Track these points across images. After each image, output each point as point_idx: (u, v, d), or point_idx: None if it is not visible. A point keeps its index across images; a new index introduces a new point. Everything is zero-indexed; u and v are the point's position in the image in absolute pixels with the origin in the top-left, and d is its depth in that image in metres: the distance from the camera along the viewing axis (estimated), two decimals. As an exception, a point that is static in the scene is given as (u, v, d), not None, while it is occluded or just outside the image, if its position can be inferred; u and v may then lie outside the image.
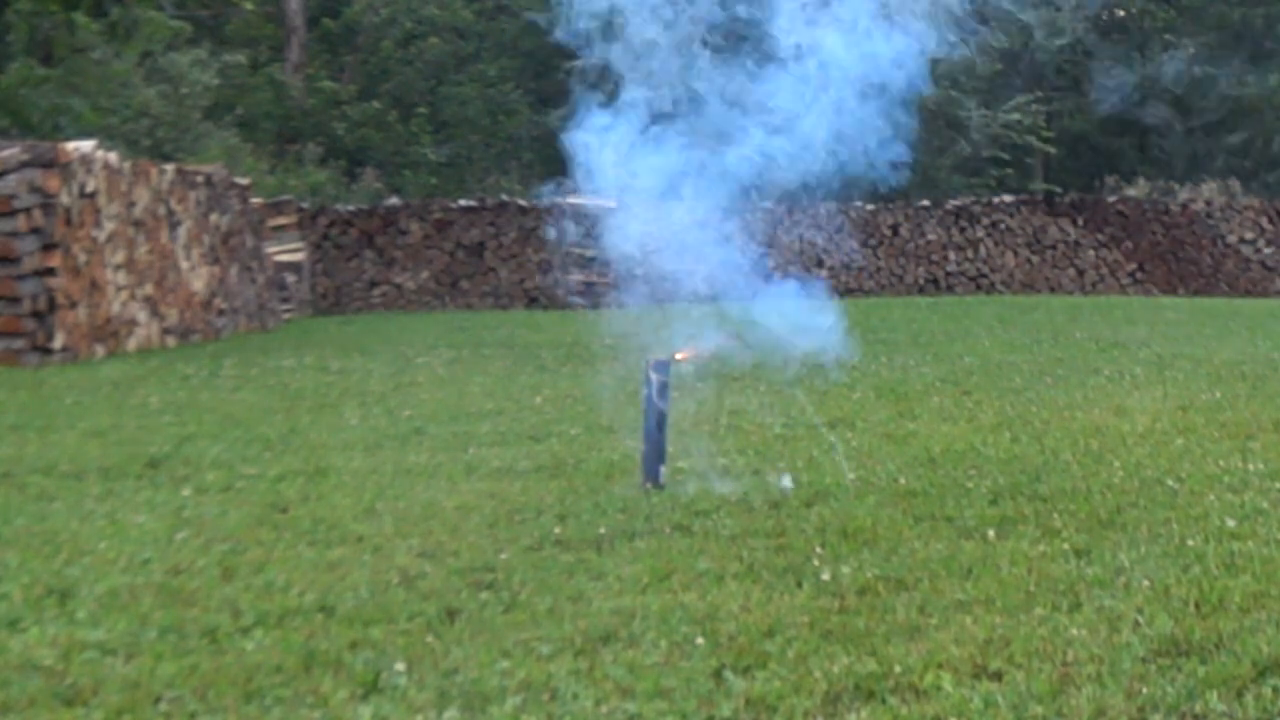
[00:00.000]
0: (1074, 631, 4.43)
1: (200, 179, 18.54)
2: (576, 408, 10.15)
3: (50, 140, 16.28)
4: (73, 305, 14.83)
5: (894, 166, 7.26)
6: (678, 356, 7.01)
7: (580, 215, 26.37)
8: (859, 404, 10.17)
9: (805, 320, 7.31)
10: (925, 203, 29.96)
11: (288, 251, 23.21)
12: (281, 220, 23.96)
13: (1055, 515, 6.15)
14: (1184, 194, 31.79)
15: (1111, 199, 30.72)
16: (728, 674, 4.08)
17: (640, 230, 7.12)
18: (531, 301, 26.63)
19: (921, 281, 29.29)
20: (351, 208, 27.13)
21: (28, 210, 14.28)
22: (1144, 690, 3.93)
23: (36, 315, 14.39)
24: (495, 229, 26.83)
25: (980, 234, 29.63)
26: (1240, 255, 29.68)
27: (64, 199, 14.60)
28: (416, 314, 25.09)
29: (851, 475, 7.00)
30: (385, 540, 5.78)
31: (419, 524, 6.09)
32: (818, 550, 5.52)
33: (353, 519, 6.23)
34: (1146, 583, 4.98)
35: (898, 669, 4.09)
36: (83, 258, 15.03)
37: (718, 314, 7.45)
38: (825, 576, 5.10)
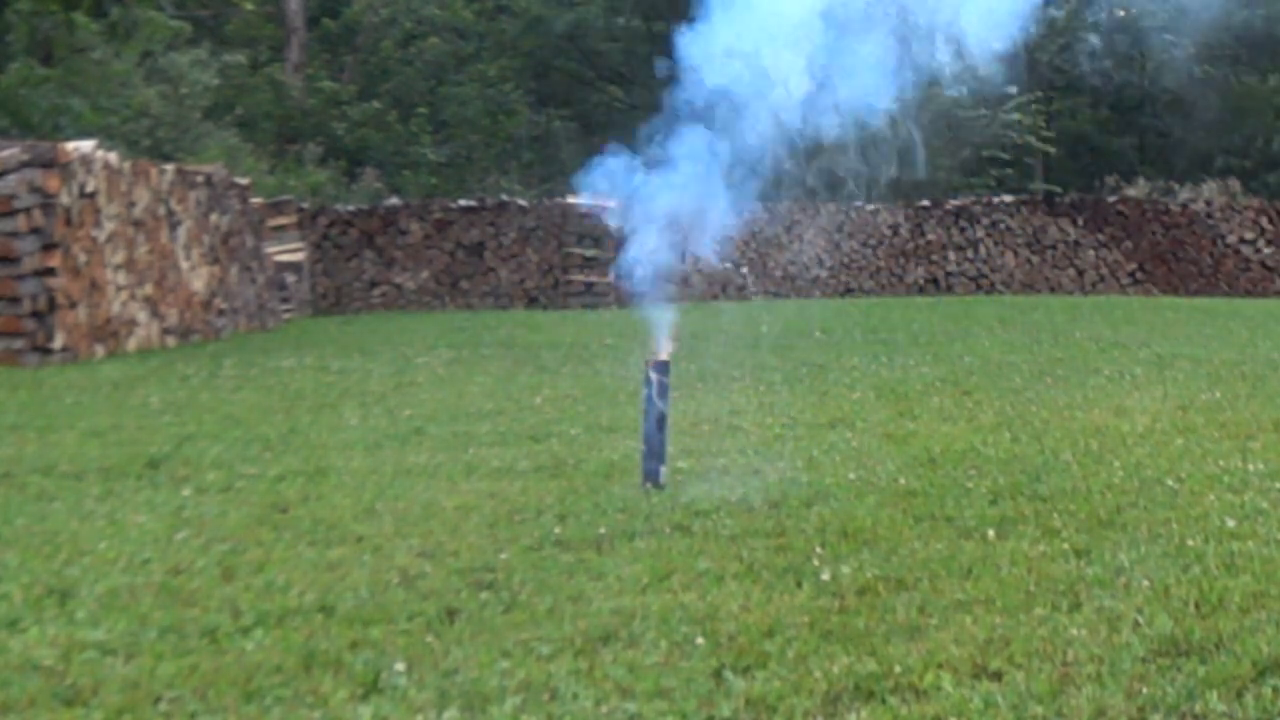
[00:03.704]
0: (1074, 631, 4.43)
1: (200, 179, 18.53)
2: (576, 408, 10.15)
3: (50, 140, 16.28)
4: (73, 305, 14.83)
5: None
6: (664, 356, 7.01)
7: (583, 215, 26.39)
8: (859, 404, 10.17)
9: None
10: (925, 203, 29.98)
11: (288, 251, 23.20)
12: (281, 220, 23.95)
13: (1055, 515, 6.15)
14: (1184, 194, 31.79)
15: (1111, 199, 30.72)
16: (728, 674, 4.08)
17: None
18: (531, 301, 26.63)
19: (921, 281, 29.30)
20: (351, 208, 27.12)
21: (28, 210, 14.28)
22: (1144, 690, 3.93)
23: (36, 315, 14.39)
24: (495, 229, 26.82)
25: (980, 234, 29.64)
26: (1240, 255, 29.68)
27: (64, 199, 14.60)
28: (416, 314, 25.09)
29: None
30: (385, 540, 5.78)
31: (419, 524, 6.09)
32: (818, 550, 5.52)
33: (353, 519, 6.23)
34: (1146, 583, 4.98)
35: (898, 669, 4.09)
36: (83, 258, 15.04)
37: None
38: (825, 576, 5.10)
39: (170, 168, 17.98)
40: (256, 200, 21.68)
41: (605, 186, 7.14)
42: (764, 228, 27.82)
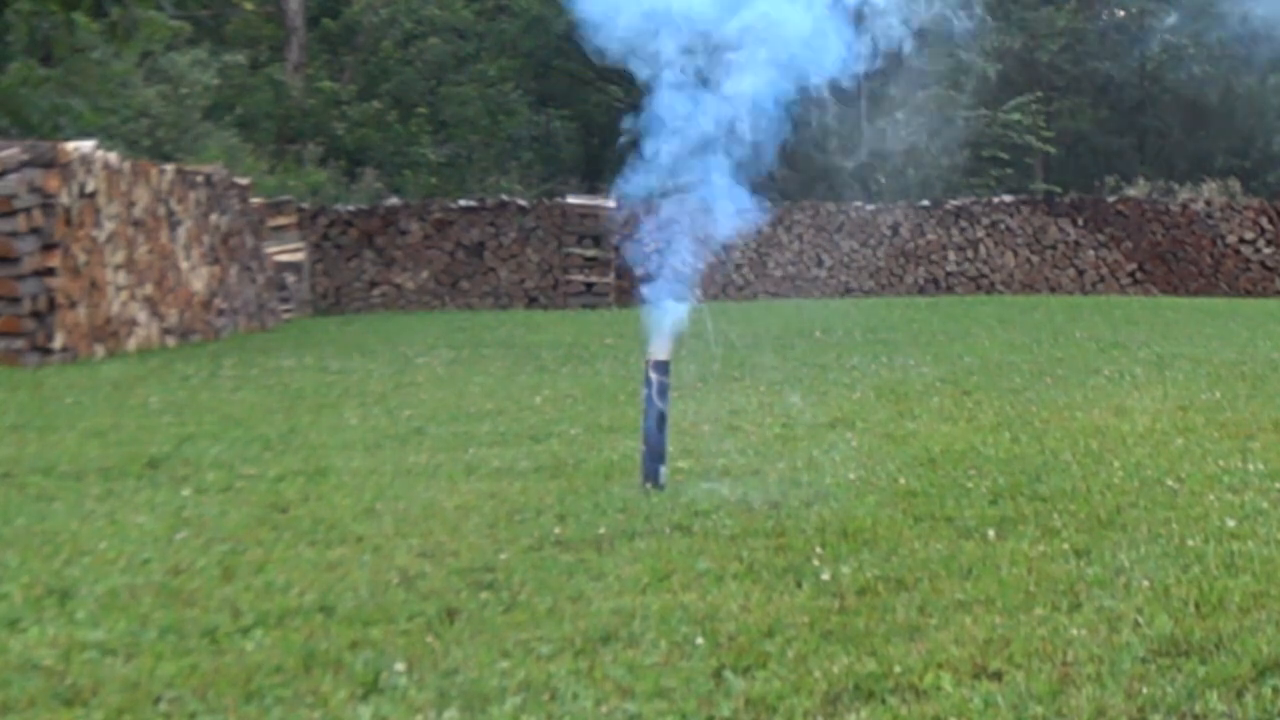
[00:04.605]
0: (1074, 631, 4.43)
1: (200, 179, 18.54)
2: (576, 408, 10.15)
3: (50, 140, 16.27)
4: (73, 305, 14.83)
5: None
6: (663, 356, 6.98)
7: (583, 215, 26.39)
8: (859, 404, 10.17)
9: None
10: (925, 203, 29.98)
11: (288, 251, 23.21)
12: (281, 220, 23.95)
13: (1055, 515, 6.15)
14: (1184, 194, 31.79)
15: (1111, 199, 30.72)
16: (728, 674, 4.08)
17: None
18: (531, 301, 26.63)
19: (921, 281, 29.29)
20: (351, 208, 27.12)
21: (28, 210, 14.28)
22: (1144, 690, 3.93)
23: (36, 315, 14.39)
24: (495, 229, 26.83)
25: (980, 234, 29.64)
26: (1240, 255, 29.68)
27: (64, 199, 14.60)
28: (416, 314, 25.09)
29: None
30: (385, 540, 5.78)
31: (419, 524, 6.09)
32: (818, 550, 5.52)
33: (353, 519, 6.23)
34: (1146, 583, 4.98)
35: (898, 669, 4.09)
36: (83, 258, 15.04)
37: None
38: (825, 576, 5.10)
39: (170, 168, 17.99)
40: (256, 200, 21.68)
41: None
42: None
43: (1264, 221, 29.77)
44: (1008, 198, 30.84)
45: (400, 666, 4.14)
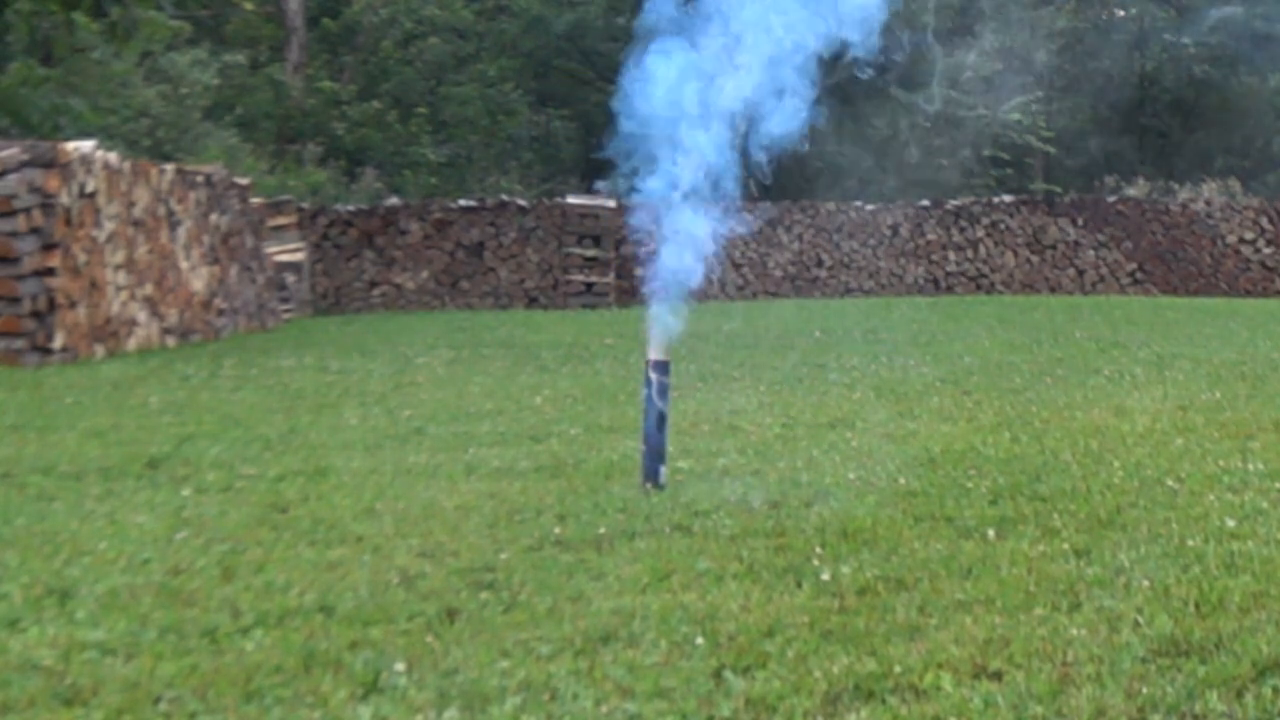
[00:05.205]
0: (1074, 631, 4.43)
1: (200, 179, 18.54)
2: (576, 408, 10.15)
3: (50, 140, 16.27)
4: (73, 305, 14.83)
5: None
6: (662, 356, 6.96)
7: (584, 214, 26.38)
8: (859, 404, 10.17)
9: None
10: (925, 203, 29.97)
11: (288, 251, 23.21)
12: (281, 220, 23.95)
13: (1055, 515, 6.15)
14: (1184, 194, 31.79)
15: (1111, 199, 30.72)
16: (728, 674, 4.08)
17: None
18: (531, 301, 26.63)
19: (921, 281, 29.29)
20: (351, 208, 27.11)
21: (28, 210, 14.28)
22: (1144, 690, 3.93)
23: (36, 315, 14.38)
24: (495, 229, 26.83)
25: (980, 234, 29.64)
26: (1240, 255, 29.67)
27: (64, 199, 14.60)
28: (416, 314, 25.09)
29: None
30: (385, 540, 5.78)
31: (419, 524, 6.09)
32: (818, 550, 5.52)
33: (353, 519, 6.23)
34: (1146, 583, 4.98)
35: (898, 669, 4.09)
36: (83, 258, 15.04)
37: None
38: (825, 576, 5.10)
39: (170, 168, 17.98)
40: (256, 200, 21.67)
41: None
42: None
43: (1264, 221, 29.77)
44: (1008, 198, 30.83)
45: (400, 666, 4.14)
